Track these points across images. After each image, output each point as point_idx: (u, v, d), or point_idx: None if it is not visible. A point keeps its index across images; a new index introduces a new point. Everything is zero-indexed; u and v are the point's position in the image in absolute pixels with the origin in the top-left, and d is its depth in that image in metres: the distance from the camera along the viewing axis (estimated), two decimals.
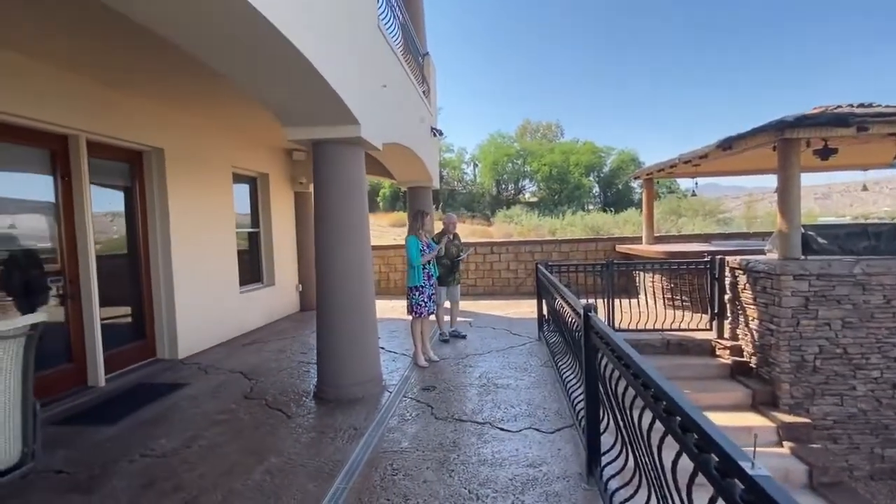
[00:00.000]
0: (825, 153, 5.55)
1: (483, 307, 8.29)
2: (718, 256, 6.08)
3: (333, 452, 3.02)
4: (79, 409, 3.86)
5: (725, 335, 6.00)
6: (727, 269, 5.99)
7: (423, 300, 4.72)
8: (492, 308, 8.20)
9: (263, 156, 7.22)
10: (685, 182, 18.58)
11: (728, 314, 6.02)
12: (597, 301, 5.69)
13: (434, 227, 7.16)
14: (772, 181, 5.73)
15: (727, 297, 6.01)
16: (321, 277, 3.99)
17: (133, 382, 4.52)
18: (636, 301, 6.62)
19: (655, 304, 7.13)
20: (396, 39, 5.24)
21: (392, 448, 3.06)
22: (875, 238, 5.47)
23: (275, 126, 3.96)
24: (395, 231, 18.54)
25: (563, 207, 25.61)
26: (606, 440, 2.47)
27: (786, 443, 4.71)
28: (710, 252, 6.63)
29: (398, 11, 5.35)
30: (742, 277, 5.72)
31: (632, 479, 1.99)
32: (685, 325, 6.10)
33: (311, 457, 2.97)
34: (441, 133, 8.03)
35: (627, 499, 1.98)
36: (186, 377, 4.66)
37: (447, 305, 5.98)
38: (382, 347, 5.29)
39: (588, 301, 2.76)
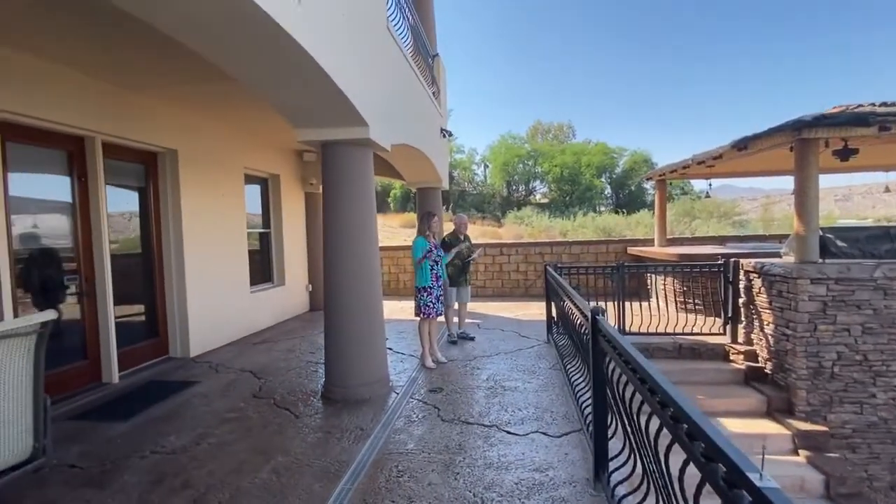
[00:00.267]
0: (845, 154, 5.41)
1: (492, 309, 8.26)
2: (733, 259, 5.96)
3: (340, 453, 3.02)
4: (93, 405, 3.94)
5: (739, 340, 5.88)
6: (742, 272, 5.87)
7: (431, 301, 4.71)
8: (501, 310, 8.16)
9: (275, 157, 7.30)
10: (699, 183, 18.26)
11: (742, 318, 5.90)
12: (607, 304, 5.63)
13: (444, 228, 7.16)
14: (790, 183, 5.60)
15: (741, 301, 5.89)
16: (329, 278, 4.00)
17: (145, 380, 4.59)
18: (648, 304, 6.52)
19: (667, 308, 7.03)
20: (406, 41, 5.25)
21: (398, 449, 3.06)
22: None
23: (286, 128, 3.99)
24: (406, 232, 18.57)
25: (575, 209, 25.41)
26: (615, 445, 2.43)
27: (802, 451, 4.59)
28: (724, 254, 6.51)
29: (408, 13, 5.36)
30: (757, 281, 5.60)
31: (640, 486, 1.95)
32: (698, 329, 5.99)
33: (318, 457, 2.98)
34: (450, 134, 8.03)
35: None
36: (197, 375, 4.72)
37: (456, 307, 5.96)
38: (390, 348, 5.29)
39: (597, 304, 2.72)
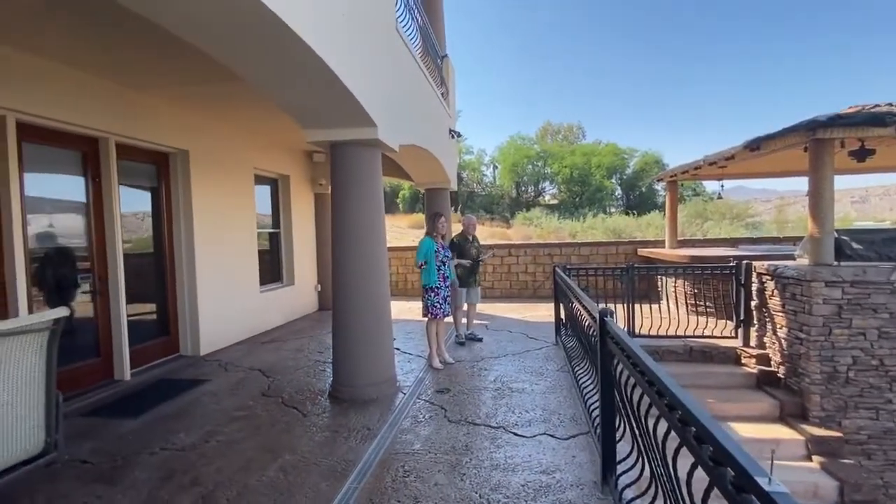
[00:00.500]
0: (862, 154, 5.31)
1: (500, 310, 8.23)
2: (745, 261, 5.87)
3: (346, 452, 3.03)
4: (105, 402, 3.99)
5: (752, 343, 5.79)
6: (754, 275, 5.78)
7: (438, 302, 4.70)
8: (509, 311, 8.13)
9: (285, 158, 7.35)
10: (711, 185, 18.06)
11: (755, 321, 5.81)
12: (617, 306, 5.58)
13: (452, 229, 7.15)
14: (805, 184, 5.50)
15: (754, 304, 5.80)
16: (337, 277, 4.02)
17: (156, 377, 4.65)
18: (658, 306, 6.46)
19: (678, 310, 6.95)
20: (415, 42, 5.26)
21: (404, 450, 3.06)
22: None
23: (296, 129, 4.02)
24: (414, 233, 18.60)
25: (584, 210, 25.27)
26: (623, 448, 2.41)
27: (815, 457, 4.51)
28: (737, 257, 6.42)
29: (417, 14, 5.37)
30: (770, 283, 5.51)
31: (648, 490, 1.92)
32: (709, 332, 5.91)
33: (325, 455, 2.99)
34: (459, 135, 8.03)
35: None
36: (207, 374, 4.77)
37: (465, 307, 5.95)
38: (398, 348, 5.30)
39: (606, 306, 2.70)
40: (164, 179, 5.21)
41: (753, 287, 5.79)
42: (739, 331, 5.86)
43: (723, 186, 10.43)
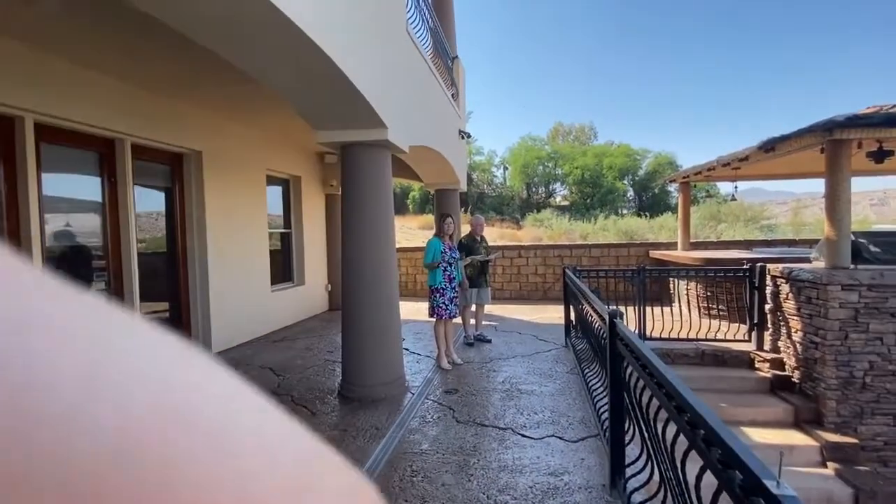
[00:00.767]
0: (880, 156, 5.20)
1: (510, 311, 8.21)
2: (759, 264, 5.78)
3: (354, 451, 3.04)
4: None
5: (766, 347, 5.69)
6: (768, 278, 5.69)
7: (444, 303, 4.69)
8: (518, 312, 8.11)
9: (296, 159, 7.42)
10: (726, 187, 17.83)
11: (769, 325, 5.71)
12: (628, 309, 5.53)
13: (461, 230, 7.15)
14: (822, 186, 5.41)
15: (768, 308, 5.71)
16: (346, 277, 4.05)
17: None
18: (670, 309, 6.38)
19: (690, 313, 6.86)
20: (425, 43, 5.28)
21: (412, 449, 3.06)
22: None
23: (308, 130, 4.06)
24: (424, 234, 18.62)
25: (596, 211, 25.06)
26: (632, 452, 2.39)
27: (830, 463, 4.41)
28: (750, 259, 6.32)
29: (427, 16, 5.39)
30: (784, 286, 5.42)
31: (657, 493, 1.90)
32: (722, 336, 5.82)
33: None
34: (469, 136, 8.03)
35: None
36: None
37: (473, 308, 5.94)
38: (406, 349, 5.31)
39: (616, 308, 2.68)
40: (178, 180, 5.29)
41: (768, 290, 5.69)
42: (753, 334, 5.77)
43: (736, 188, 10.26)
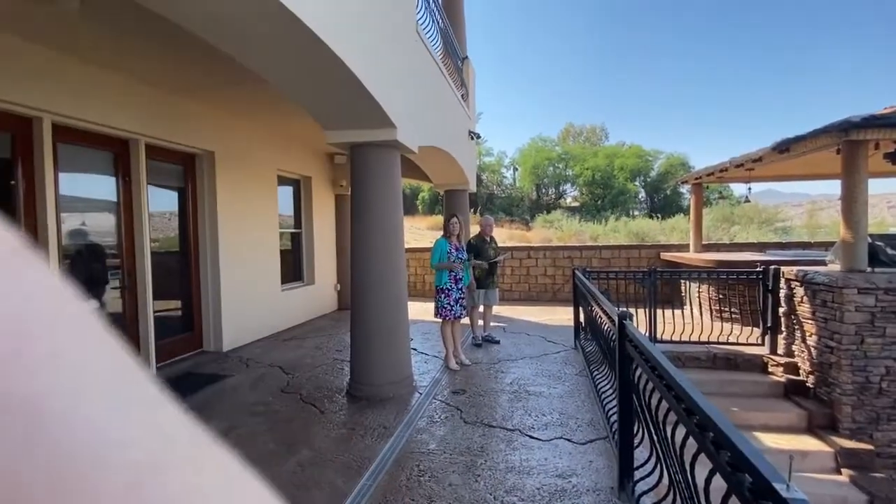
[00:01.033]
0: None
1: (518, 312, 8.18)
2: (773, 266, 5.69)
3: (362, 450, 3.06)
4: None
5: (779, 351, 5.60)
6: (782, 280, 5.59)
7: (449, 304, 4.67)
8: (527, 314, 8.07)
9: (307, 159, 7.48)
10: (739, 188, 17.56)
11: (782, 329, 5.62)
12: (638, 311, 5.47)
13: (469, 231, 7.15)
14: (838, 187, 5.30)
15: (782, 311, 5.61)
16: (355, 277, 4.07)
17: (180, 372, 4.79)
18: (681, 312, 6.30)
19: (702, 316, 6.78)
20: (435, 44, 5.29)
21: (419, 449, 3.07)
22: None
23: (318, 130, 4.09)
24: (433, 234, 18.63)
25: (607, 213, 24.89)
26: (641, 454, 2.36)
27: (844, 470, 4.32)
28: (764, 262, 6.22)
29: (438, 17, 5.40)
30: (799, 290, 5.32)
31: (666, 496, 1.88)
32: (734, 339, 5.74)
33: (341, 452, 3.02)
34: (478, 136, 8.03)
35: None
36: (229, 369, 4.88)
37: (481, 309, 5.92)
38: (415, 349, 5.32)
39: (626, 310, 2.66)
40: (191, 180, 5.37)
41: (782, 293, 5.60)
42: (766, 338, 5.68)
43: (750, 189, 10.10)
